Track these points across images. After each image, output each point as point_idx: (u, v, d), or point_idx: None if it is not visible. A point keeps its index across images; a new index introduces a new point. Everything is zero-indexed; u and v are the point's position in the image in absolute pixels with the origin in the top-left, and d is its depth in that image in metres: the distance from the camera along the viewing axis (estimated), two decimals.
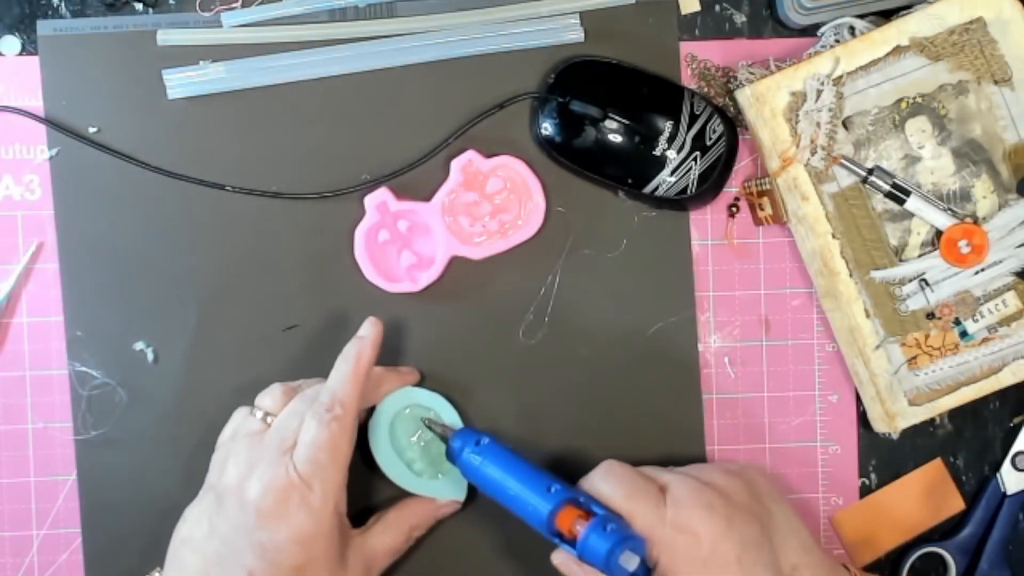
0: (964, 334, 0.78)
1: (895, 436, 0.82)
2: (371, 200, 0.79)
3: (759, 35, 0.81)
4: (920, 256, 0.78)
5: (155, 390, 0.79)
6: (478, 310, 0.80)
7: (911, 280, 0.78)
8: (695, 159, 0.78)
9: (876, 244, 0.77)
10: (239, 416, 0.74)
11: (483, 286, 0.80)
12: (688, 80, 0.81)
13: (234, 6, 0.80)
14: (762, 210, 0.80)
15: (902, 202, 0.77)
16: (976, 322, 0.78)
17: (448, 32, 0.80)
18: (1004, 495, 0.81)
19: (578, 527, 0.69)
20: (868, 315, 0.77)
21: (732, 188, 0.81)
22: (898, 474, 0.82)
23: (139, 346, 0.79)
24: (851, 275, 0.77)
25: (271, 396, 0.74)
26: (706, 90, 0.81)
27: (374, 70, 0.80)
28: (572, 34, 0.80)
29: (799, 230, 0.79)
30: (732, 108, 0.80)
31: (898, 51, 0.76)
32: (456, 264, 0.79)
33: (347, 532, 0.74)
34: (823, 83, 0.76)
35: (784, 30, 0.81)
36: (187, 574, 0.70)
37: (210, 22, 0.80)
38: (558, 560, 0.72)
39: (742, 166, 0.81)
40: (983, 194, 0.77)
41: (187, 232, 0.80)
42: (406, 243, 0.80)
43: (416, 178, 0.79)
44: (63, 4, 0.80)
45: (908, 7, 0.77)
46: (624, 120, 0.78)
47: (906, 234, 0.78)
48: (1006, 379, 0.78)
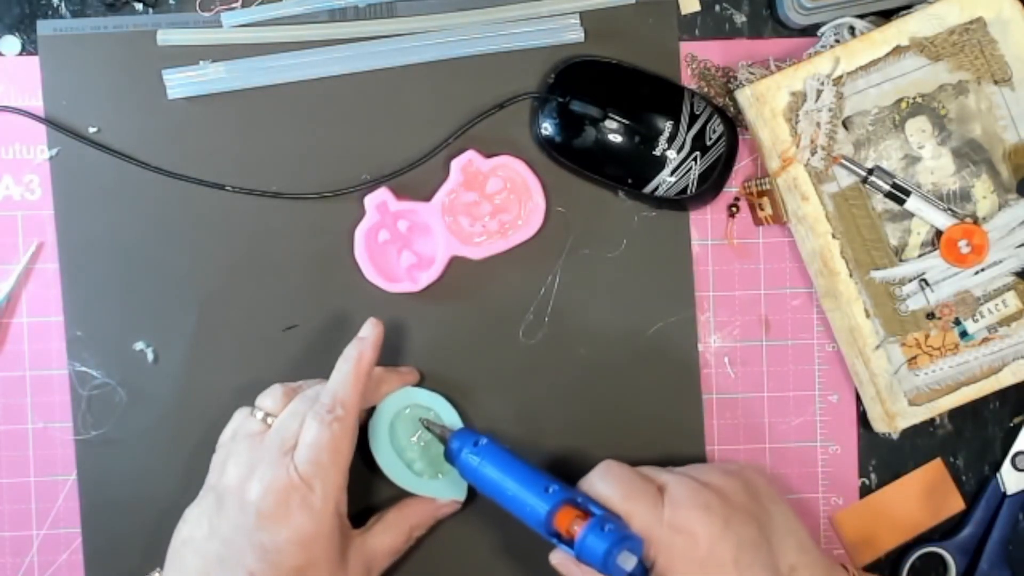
0: (964, 334, 0.78)
1: (895, 436, 0.82)
2: (371, 200, 0.79)
3: (759, 35, 0.81)
4: (920, 256, 0.77)
5: (155, 390, 0.79)
6: (478, 310, 0.80)
7: (911, 280, 0.78)
8: (695, 159, 0.78)
9: (876, 244, 0.77)
10: (239, 417, 0.74)
11: (483, 286, 0.80)
12: (688, 80, 0.81)
13: (234, 6, 0.80)
14: (762, 210, 0.80)
15: (902, 202, 0.77)
16: (976, 322, 0.78)
17: (448, 32, 0.79)
18: (1004, 495, 0.81)
19: (576, 527, 0.69)
20: (868, 315, 0.77)
21: (732, 188, 0.81)
22: (898, 474, 0.82)
23: (139, 346, 0.79)
24: (851, 275, 0.77)
25: (271, 397, 0.74)
26: (706, 90, 0.80)
27: (374, 70, 0.80)
28: (572, 34, 0.80)
29: (799, 230, 0.79)
30: (732, 108, 0.80)
31: (898, 51, 0.76)
32: (456, 264, 0.79)
33: (347, 532, 0.74)
34: (823, 83, 0.75)
35: (784, 30, 0.81)
36: (188, 575, 0.70)
37: (210, 22, 0.80)
38: (556, 560, 0.72)
39: (742, 166, 0.81)
40: (983, 194, 0.77)
41: (187, 232, 0.80)
42: (406, 243, 0.80)
43: (416, 178, 0.79)
44: (63, 4, 0.80)
45: (908, 7, 0.77)
46: (624, 120, 0.78)
47: (906, 234, 0.78)
48: (1006, 379, 0.78)
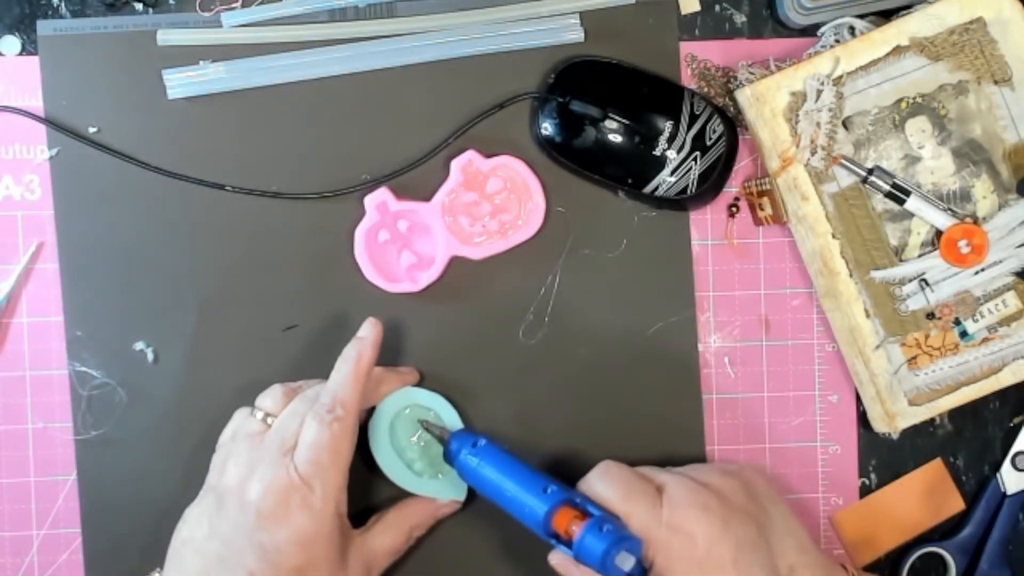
0: (964, 334, 0.78)
1: (895, 436, 0.82)
2: (371, 200, 0.79)
3: (759, 35, 0.81)
4: (920, 256, 0.77)
5: (155, 390, 0.79)
6: (478, 310, 0.80)
7: (911, 280, 0.78)
8: (695, 159, 0.78)
9: (876, 244, 0.77)
10: (239, 417, 0.74)
11: (483, 286, 0.80)
12: (688, 80, 0.81)
13: (234, 6, 0.80)
14: (762, 210, 0.80)
15: (902, 202, 0.77)
16: (976, 322, 0.78)
17: (448, 32, 0.79)
18: (1004, 495, 0.81)
19: (574, 528, 0.69)
20: (868, 315, 0.77)
21: (732, 188, 0.81)
22: (898, 474, 0.82)
23: (139, 346, 0.79)
24: (851, 275, 0.77)
25: (271, 397, 0.74)
26: (706, 90, 0.80)
27: (374, 70, 0.80)
28: (572, 34, 0.80)
29: (799, 230, 0.79)
30: (732, 108, 0.80)
31: (898, 51, 0.76)
32: (456, 264, 0.79)
33: (347, 532, 0.74)
34: (823, 83, 0.75)
35: (784, 30, 0.81)
36: (188, 575, 0.70)
37: (210, 22, 0.80)
38: (555, 561, 0.72)
39: (742, 166, 0.81)
40: (983, 194, 0.77)
41: (187, 232, 0.80)
42: (406, 243, 0.80)
43: (416, 178, 0.79)
44: (63, 4, 0.80)
45: (908, 7, 0.77)
46: (624, 120, 0.78)
47: (906, 234, 0.78)
48: (1006, 379, 0.78)
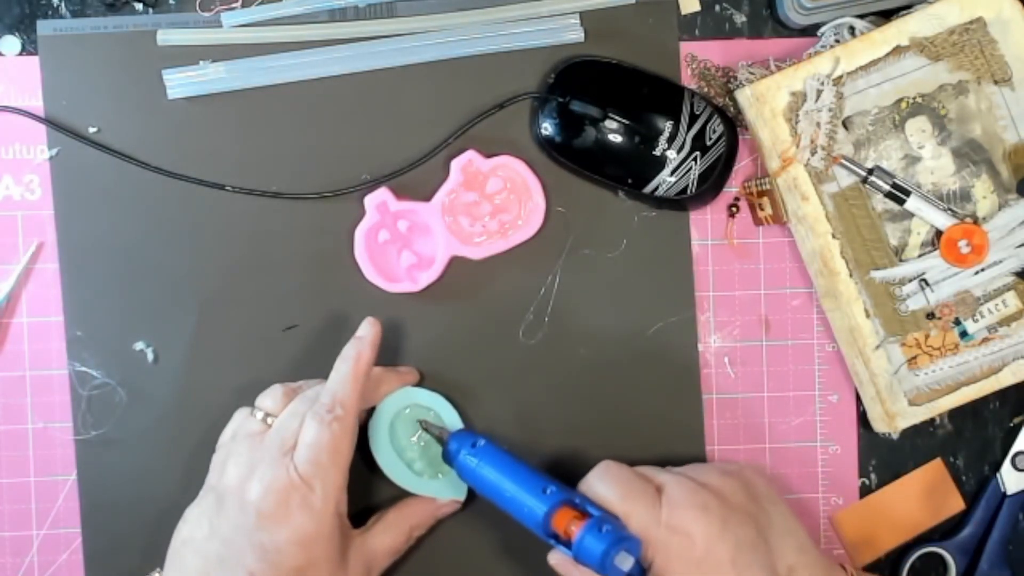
0: (964, 334, 0.78)
1: (895, 436, 0.82)
2: (371, 200, 0.79)
3: (759, 35, 0.81)
4: (920, 256, 0.77)
5: (155, 390, 0.79)
6: (478, 310, 0.80)
7: (911, 280, 0.78)
8: (695, 159, 0.78)
9: (876, 244, 0.77)
10: (239, 417, 0.74)
11: (483, 286, 0.80)
12: (688, 80, 0.81)
13: (234, 6, 0.80)
14: (762, 210, 0.80)
15: (902, 202, 0.77)
16: (976, 322, 0.78)
17: (448, 32, 0.79)
18: (1004, 495, 0.81)
19: (573, 528, 0.69)
20: (868, 315, 0.77)
21: (732, 188, 0.81)
22: (898, 474, 0.82)
23: (139, 346, 0.79)
24: (851, 275, 0.77)
25: (271, 397, 0.74)
26: (706, 90, 0.80)
27: (374, 70, 0.80)
28: (572, 34, 0.80)
29: (799, 230, 0.79)
30: (732, 108, 0.80)
31: (898, 51, 0.76)
32: (456, 264, 0.79)
33: (348, 532, 0.74)
34: (823, 83, 0.75)
35: (784, 30, 0.81)
36: (188, 575, 0.70)
37: (210, 22, 0.80)
38: (554, 561, 0.72)
39: (742, 166, 0.81)
40: (983, 194, 0.77)
41: (187, 232, 0.80)
42: (406, 243, 0.80)
43: (416, 178, 0.79)
44: (63, 4, 0.80)
45: (908, 7, 0.77)
46: (624, 120, 0.78)
47: (906, 234, 0.78)
48: (1006, 379, 0.78)
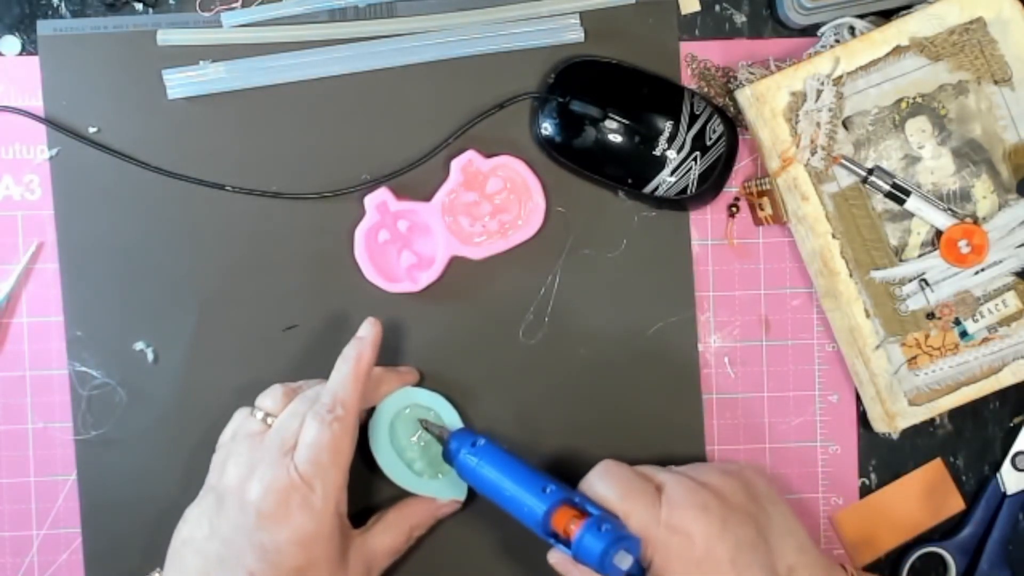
0: (964, 334, 0.78)
1: (895, 436, 0.82)
2: (371, 200, 0.79)
3: (759, 35, 0.81)
4: (920, 256, 0.77)
5: (155, 390, 0.79)
6: (478, 310, 0.80)
7: (911, 280, 0.78)
8: (695, 159, 0.78)
9: (876, 244, 0.77)
10: (239, 417, 0.74)
11: (483, 286, 0.80)
12: (688, 80, 0.81)
13: (234, 6, 0.80)
14: (762, 210, 0.80)
15: (902, 202, 0.77)
16: (976, 322, 0.78)
17: (448, 32, 0.79)
18: (1004, 495, 0.81)
19: (573, 527, 0.69)
20: (868, 315, 0.77)
21: (732, 188, 0.81)
22: (898, 474, 0.82)
23: (139, 346, 0.79)
24: (851, 275, 0.77)
25: (271, 397, 0.74)
26: (706, 90, 0.80)
27: (374, 70, 0.80)
28: (572, 34, 0.80)
29: (799, 230, 0.79)
30: (732, 108, 0.80)
31: (898, 51, 0.76)
32: (456, 264, 0.79)
33: (348, 532, 0.74)
34: (823, 83, 0.75)
35: (784, 30, 0.81)
36: (188, 575, 0.70)
37: (210, 22, 0.80)
38: (554, 560, 0.72)
39: (742, 166, 0.81)
40: (983, 194, 0.77)
41: (187, 232, 0.80)
42: (406, 243, 0.80)
43: (416, 178, 0.79)
44: (63, 4, 0.80)
45: (908, 7, 0.77)
46: (624, 120, 0.78)
47: (906, 234, 0.78)
48: (1006, 379, 0.78)
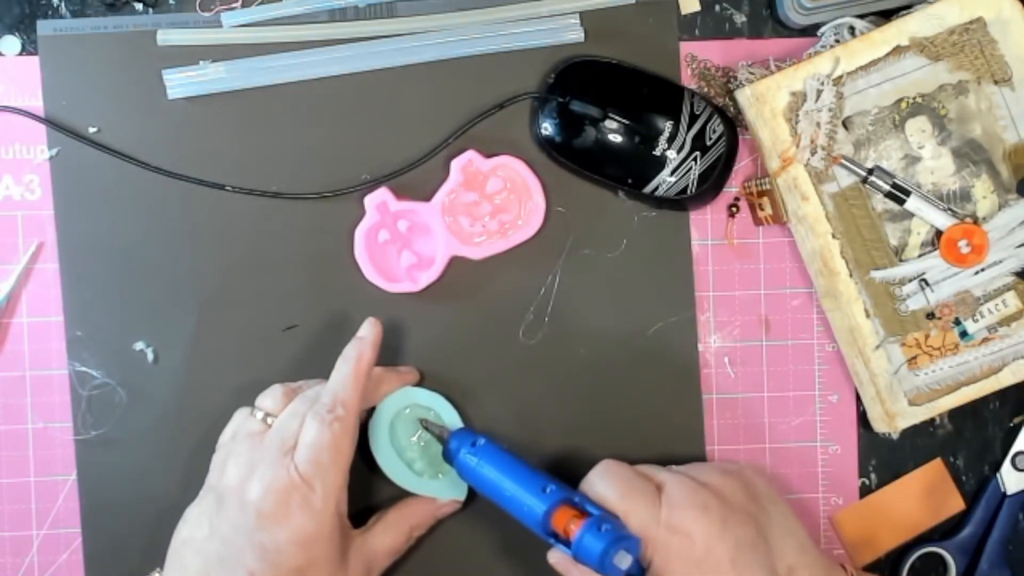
0: (964, 334, 0.78)
1: (895, 436, 0.82)
2: (371, 200, 0.79)
3: (759, 35, 0.81)
4: (920, 256, 0.77)
5: (155, 390, 0.79)
6: (478, 310, 0.80)
7: (911, 280, 0.78)
8: (695, 159, 0.78)
9: (876, 244, 0.77)
10: (239, 417, 0.74)
11: (483, 286, 0.80)
12: (688, 80, 0.81)
13: (234, 6, 0.80)
14: (762, 210, 0.80)
15: (902, 202, 0.77)
16: (976, 322, 0.78)
17: (448, 32, 0.79)
18: (1004, 495, 0.81)
19: (573, 527, 0.69)
20: (868, 315, 0.77)
21: (732, 188, 0.81)
22: (898, 474, 0.82)
23: (139, 346, 0.79)
24: (851, 275, 0.77)
25: (271, 397, 0.74)
26: (706, 90, 0.80)
27: (374, 70, 0.80)
28: (572, 34, 0.80)
29: (799, 230, 0.79)
30: (732, 108, 0.80)
31: (898, 51, 0.76)
32: (456, 264, 0.79)
33: (348, 532, 0.74)
34: (823, 83, 0.75)
35: (784, 30, 0.81)
36: (188, 575, 0.70)
37: (210, 22, 0.80)
38: (554, 560, 0.72)
39: (742, 166, 0.81)
40: (983, 194, 0.77)
41: (187, 232, 0.80)
42: (406, 243, 0.80)
43: (416, 178, 0.79)
44: (63, 4, 0.80)
45: (908, 7, 0.77)
46: (624, 120, 0.78)
47: (906, 234, 0.78)
48: (1006, 379, 0.78)
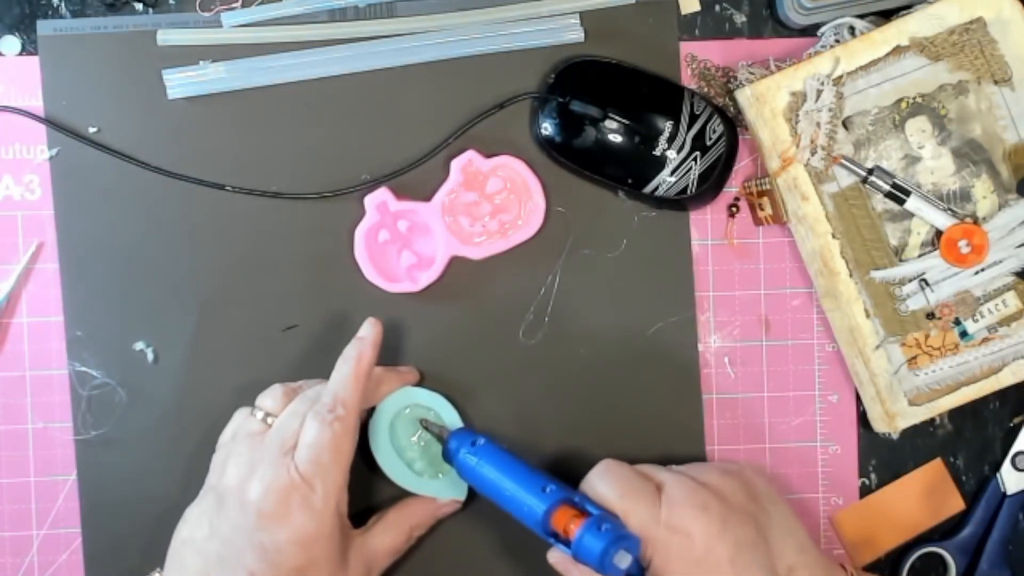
0: (964, 334, 0.78)
1: (895, 436, 0.82)
2: (371, 200, 0.79)
3: (759, 35, 0.81)
4: (920, 256, 0.77)
5: (155, 390, 0.79)
6: (478, 310, 0.80)
7: (911, 280, 0.78)
8: (695, 159, 0.78)
9: (876, 244, 0.77)
10: (239, 417, 0.74)
11: (483, 286, 0.80)
12: (688, 80, 0.81)
13: (234, 6, 0.80)
14: (762, 210, 0.80)
15: (902, 202, 0.77)
16: (976, 322, 0.78)
17: (448, 32, 0.79)
18: (1004, 495, 0.81)
19: (573, 527, 0.69)
20: (868, 315, 0.77)
21: (732, 188, 0.81)
22: (898, 474, 0.82)
23: (139, 346, 0.79)
24: (851, 275, 0.77)
25: (272, 397, 0.74)
26: (706, 90, 0.80)
27: (374, 70, 0.80)
28: (572, 34, 0.80)
29: (799, 230, 0.79)
30: (732, 108, 0.80)
31: (898, 51, 0.76)
32: (456, 264, 0.79)
33: (348, 532, 0.74)
34: (823, 83, 0.75)
35: (784, 30, 0.81)
36: (188, 575, 0.70)
37: (210, 22, 0.80)
38: (554, 559, 0.72)
39: (742, 166, 0.81)
40: (983, 194, 0.77)
41: (187, 232, 0.80)
42: (406, 243, 0.80)
43: (416, 178, 0.79)
44: (63, 4, 0.80)
45: (908, 7, 0.77)
46: (624, 120, 0.78)
47: (906, 234, 0.78)
48: (1006, 379, 0.78)
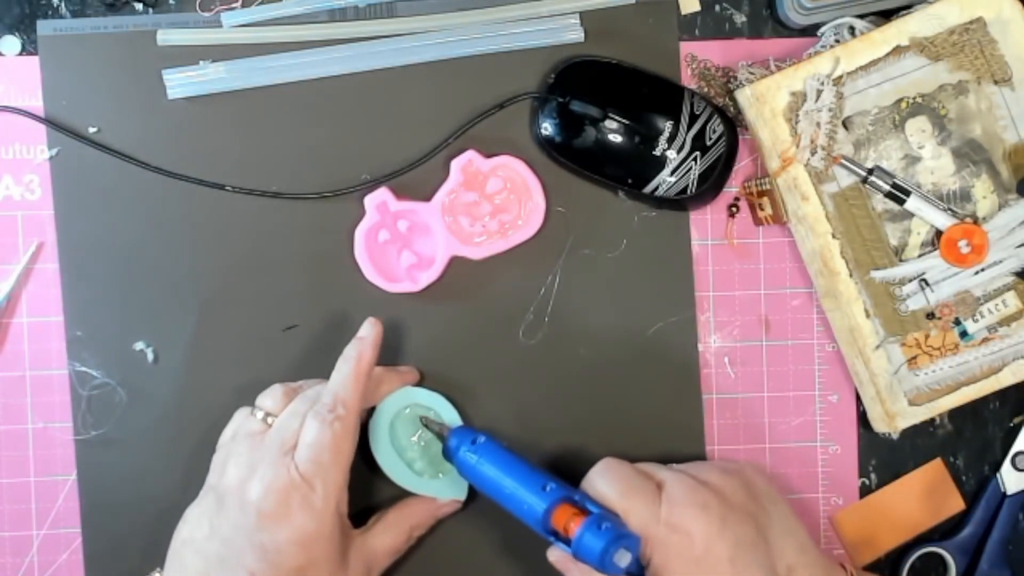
0: (964, 334, 0.78)
1: (895, 436, 0.82)
2: (371, 200, 0.79)
3: (759, 35, 0.81)
4: (920, 256, 0.77)
5: (155, 390, 0.79)
6: (478, 310, 0.80)
7: (911, 280, 0.78)
8: (695, 159, 0.78)
9: (876, 244, 0.77)
10: (240, 417, 0.74)
11: (483, 286, 0.80)
12: (688, 80, 0.81)
13: (234, 6, 0.80)
14: (762, 210, 0.80)
15: (902, 202, 0.77)
16: (976, 322, 0.78)
17: (448, 32, 0.79)
18: (1004, 495, 0.81)
19: (573, 525, 0.69)
20: (868, 315, 0.77)
21: (732, 188, 0.81)
22: (898, 474, 0.82)
23: (139, 346, 0.79)
24: (851, 275, 0.77)
25: (272, 397, 0.74)
26: (706, 90, 0.81)
27: (374, 70, 0.80)
28: (572, 34, 0.80)
29: (799, 230, 0.79)
30: (732, 108, 0.80)
31: (898, 51, 0.76)
32: (456, 264, 0.79)
33: (348, 532, 0.74)
34: (823, 83, 0.75)
35: (784, 30, 0.81)
36: (188, 575, 0.70)
37: (210, 22, 0.80)
38: (554, 558, 0.72)
39: (742, 166, 0.81)
40: (983, 194, 0.77)
41: (187, 232, 0.80)
42: (406, 243, 0.80)
43: (416, 178, 0.79)
44: (63, 4, 0.80)
45: (908, 7, 0.77)
46: (624, 120, 0.78)
47: (906, 234, 0.78)
48: (1006, 379, 0.78)
